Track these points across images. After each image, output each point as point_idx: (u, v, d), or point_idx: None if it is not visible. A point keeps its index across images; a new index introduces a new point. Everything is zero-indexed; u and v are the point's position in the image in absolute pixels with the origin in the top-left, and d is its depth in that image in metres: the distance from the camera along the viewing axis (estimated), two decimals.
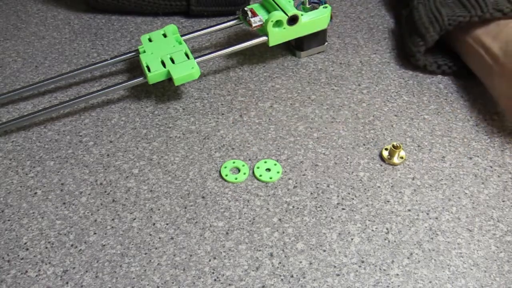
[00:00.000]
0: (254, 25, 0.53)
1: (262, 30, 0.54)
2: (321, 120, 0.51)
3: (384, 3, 0.68)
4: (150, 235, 0.42)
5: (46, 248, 0.41)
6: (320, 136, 0.49)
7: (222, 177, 0.46)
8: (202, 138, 0.50)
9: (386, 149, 0.47)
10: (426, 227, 0.41)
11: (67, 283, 0.39)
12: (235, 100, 0.54)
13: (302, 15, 0.53)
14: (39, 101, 0.55)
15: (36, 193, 0.45)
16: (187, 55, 0.52)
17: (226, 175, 0.46)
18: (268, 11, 0.54)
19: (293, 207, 0.43)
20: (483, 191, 0.44)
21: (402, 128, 0.50)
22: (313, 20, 0.54)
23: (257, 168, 0.46)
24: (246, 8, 0.54)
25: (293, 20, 0.53)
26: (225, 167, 0.46)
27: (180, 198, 0.44)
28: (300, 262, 0.39)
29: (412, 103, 0.52)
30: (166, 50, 0.53)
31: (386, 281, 0.38)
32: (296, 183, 0.45)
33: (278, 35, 0.54)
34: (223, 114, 0.52)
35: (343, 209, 0.43)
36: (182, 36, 0.56)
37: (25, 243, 0.41)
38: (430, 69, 0.55)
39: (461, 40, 0.52)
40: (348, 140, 0.49)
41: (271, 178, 0.45)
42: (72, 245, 0.41)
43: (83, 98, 0.51)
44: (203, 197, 0.44)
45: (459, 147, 0.48)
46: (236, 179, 0.45)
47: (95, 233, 0.42)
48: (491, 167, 0.46)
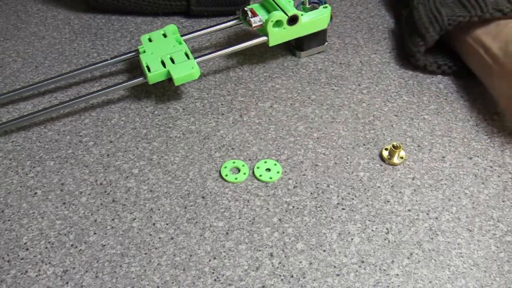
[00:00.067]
0: (254, 25, 0.53)
1: (262, 30, 0.54)
2: (321, 120, 0.51)
3: (384, 3, 0.68)
4: (150, 235, 0.42)
5: (46, 248, 0.41)
6: (320, 136, 0.49)
7: (222, 177, 0.46)
8: (202, 138, 0.50)
9: (386, 149, 0.47)
10: (426, 227, 0.41)
11: (67, 283, 0.39)
12: (235, 100, 0.54)
13: (302, 15, 0.53)
14: (39, 101, 0.55)
15: (36, 193, 0.45)
16: (187, 55, 0.52)
17: (226, 175, 0.46)
18: (268, 11, 0.54)
19: (293, 207, 0.43)
20: (483, 191, 0.44)
21: (402, 128, 0.50)
22: (313, 20, 0.54)
23: (257, 168, 0.46)
24: (246, 8, 0.54)
25: (293, 20, 0.53)
26: (225, 167, 0.46)
27: (180, 198, 0.44)
28: (300, 262, 0.39)
29: (412, 103, 0.52)
30: (166, 50, 0.53)
31: (386, 281, 0.38)
32: (296, 183, 0.45)
33: (278, 35, 0.54)
34: (223, 114, 0.52)
35: (343, 209, 0.43)
36: (182, 36, 0.56)
37: (25, 243, 0.41)
38: (430, 69, 0.55)
39: (461, 40, 0.52)
40: (348, 140, 0.49)
41: (271, 178, 0.45)
42: (72, 245, 0.41)
43: (83, 98, 0.51)
44: (203, 197, 0.44)
45: (459, 147, 0.48)
46: (236, 179, 0.45)
47: (95, 233, 0.42)
48: (491, 167, 0.46)
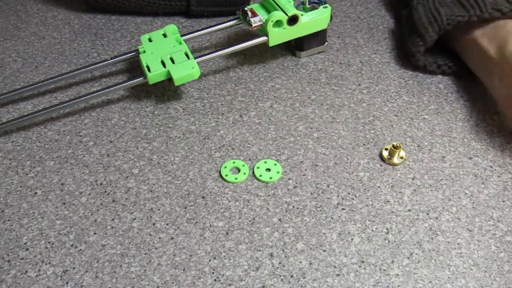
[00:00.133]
0: (254, 25, 0.53)
1: (262, 30, 0.54)
2: (321, 120, 0.51)
3: (384, 3, 0.68)
4: (150, 235, 0.42)
5: (46, 248, 0.41)
6: (320, 136, 0.49)
7: (222, 177, 0.46)
8: (202, 138, 0.50)
9: (386, 149, 0.47)
10: (426, 227, 0.41)
11: (67, 283, 0.39)
12: (235, 100, 0.54)
13: (302, 15, 0.53)
14: (39, 101, 0.55)
15: (36, 193, 0.45)
16: (187, 55, 0.52)
17: (226, 175, 0.46)
18: (268, 11, 0.54)
19: (293, 207, 0.43)
20: (483, 191, 0.44)
21: (402, 128, 0.50)
22: (313, 20, 0.54)
23: (257, 168, 0.46)
24: (246, 8, 0.54)
25: (293, 20, 0.53)
26: (225, 167, 0.46)
27: (180, 198, 0.44)
28: (300, 262, 0.39)
29: (412, 103, 0.52)
30: (166, 50, 0.53)
31: (386, 281, 0.38)
32: (296, 183, 0.45)
33: (278, 35, 0.54)
34: (223, 114, 0.52)
35: (343, 209, 0.43)
36: (182, 36, 0.56)
37: (25, 243, 0.41)
38: (430, 69, 0.55)
39: (460, 40, 0.52)
40: (348, 140, 0.49)
41: (271, 178, 0.45)
42: (72, 245, 0.41)
43: (83, 98, 0.51)
44: (203, 197, 0.44)
45: (459, 147, 0.48)
46: (236, 179, 0.45)
47: (95, 233, 0.42)
48: (491, 167, 0.46)
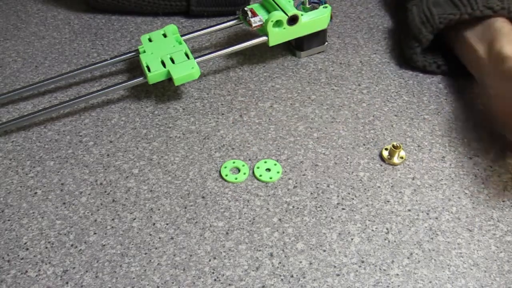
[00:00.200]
0: (254, 25, 0.53)
1: (262, 30, 0.54)
2: (321, 120, 0.51)
3: (384, 3, 0.68)
4: (150, 235, 0.42)
5: (46, 248, 0.41)
6: (320, 136, 0.49)
7: (222, 177, 0.46)
8: (202, 138, 0.50)
9: (386, 149, 0.47)
10: (426, 227, 0.41)
11: (67, 283, 0.39)
12: (235, 100, 0.54)
13: (302, 15, 0.53)
14: (39, 101, 0.55)
15: (36, 193, 0.45)
16: (187, 55, 0.52)
17: (226, 175, 0.46)
18: (268, 11, 0.54)
19: (293, 207, 0.43)
20: (483, 191, 0.44)
21: (402, 128, 0.50)
22: (313, 20, 0.54)
23: (257, 168, 0.46)
24: (246, 8, 0.54)
25: (293, 20, 0.53)
26: (225, 167, 0.46)
27: (180, 198, 0.44)
28: (300, 262, 0.39)
29: (412, 103, 0.52)
30: (166, 50, 0.53)
31: (386, 281, 0.38)
32: (296, 183, 0.45)
33: (278, 35, 0.54)
34: (223, 114, 0.52)
35: (343, 209, 0.43)
36: (182, 36, 0.56)
37: (25, 243, 0.41)
38: (430, 69, 0.55)
39: (454, 40, 0.53)
40: (348, 140, 0.49)
41: (271, 178, 0.45)
42: (72, 245, 0.41)
43: (83, 98, 0.51)
44: (203, 197, 0.44)
45: (459, 147, 0.48)
46: (236, 179, 0.45)
47: (95, 233, 0.42)
48: (491, 167, 0.46)
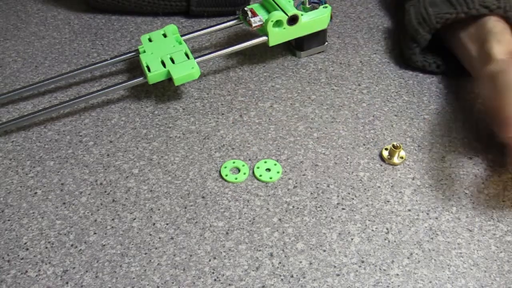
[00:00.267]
0: (254, 25, 0.53)
1: (262, 30, 0.54)
2: (321, 120, 0.51)
3: (384, 3, 0.68)
4: (150, 235, 0.42)
5: (46, 248, 0.41)
6: (320, 136, 0.49)
7: (222, 177, 0.46)
8: (202, 138, 0.50)
9: (386, 149, 0.47)
10: (426, 227, 0.41)
11: (67, 283, 0.39)
12: (235, 100, 0.54)
13: (302, 15, 0.53)
14: (39, 101, 0.55)
15: (36, 193, 0.45)
16: (187, 55, 0.52)
17: (226, 175, 0.46)
18: (268, 11, 0.54)
19: (293, 207, 0.43)
20: (483, 191, 0.44)
21: (402, 128, 0.50)
22: (313, 20, 0.54)
23: (257, 168, 0.46)
24: (246, 8, 0.54)
25: (293, 20, 0.53)
26: (225, 167, 0.46)
27: (180, 198, 0.44)
28: (300, 262, 0.39)
29: (412, 103, 0.52)
30: (166, 50, 0.53)
31: (386, 281, 0.38)
32: (296, 183, 0.45)
33: (278, 35, 0.54)
34: (223, 114, 0.52)
35: (343, 209, 0.43)
36: (182, 36, 0.56)
37: (25, 243, 0.41)
38: (430, 69, 0.55)
39: (452, 39, 0.53)
40: (348, 140, 0.49)
41: (271, 178, 0.45)
42: (72, 245, 0.41)
43: (83, 98, 0.51)
44: (203, 197, 0.44)
45: (459, 147, 0.48)
46: (236, 179, 0.45)
47: (95, 233, 0.42)
48: (491, 167, 0.46)
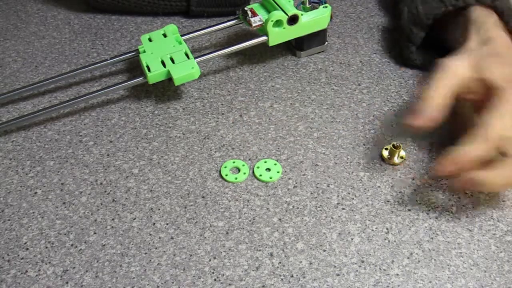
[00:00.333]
0: (254, 25, 0.53)
1: (262, 30, 0.54)
2: (321, 120, 0.51)
3: (384, 3, 0.67)
4: (150, 235, 0.42)
5: (46, 248, 0.41)
6: (320, 136, 0.49)
7: (222, 177, 0.46)
8: (202, 138, 0.50)
9: (386, 149, 0.47)
10: (426, 227, 0.41)
11: (67, 283, 0.39)
12: (235, 100, 0.54)
13: (302, 15, 0.53)
14: (39, 101, 0.55)
15: (36, 193, 0.45)
16: (187, 55, 0.52)
17: (226, 175, 0.46)
18: (268, 11, 0.54)
19: (293, 207, 0.43)
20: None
21: (402, 128, 0.50)
22: (313, 20, 0.54)
23: (257, 168, 0.46)
24: (246, 8, 0.54)
25: (293, 20, 0.53)
26: (225, 167, 0.46)
27: (180, 198, 0.44)
28: (300, 262, 0.39)
29: (412, 103, 0.52)
30: (166, 50, 0.53)
31: (386, 281, 0.38)
32: (296, 183, 0.45)
33: (278, 35, 0.54)
34: (223, 114, 0.52)
35: (343, 209, 0.43)
36: (182, 36, 0.56)
37: (25, 243, 0.41)
38: (429, 67, 0.55)
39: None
40: (348, 140, 0.49)
41: (271, 178, 0.45)
42: (72, 245, 0.41)
43: (83, 98, 0.51)
44: (203, 197, 0.44)
45: None
46: (236, 179, 0.45)
47: (95, 233, 0.42)
48: None
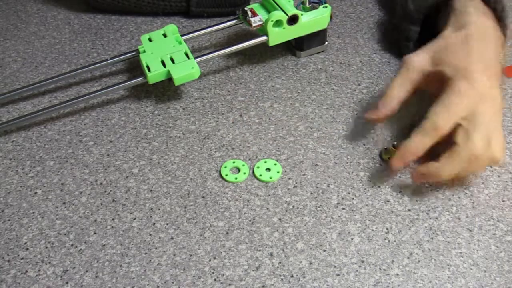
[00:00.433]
0: (254, 25, 0.53)
1: (262, 30, 0.54)
2: (321, 120, 0.51)
3: (384, 3, 0.67)
4: (150, 235, 0.42)
5: (46, 248, 0.41)
6: (320, 136, 0.49)
7: (222, 177, 0.46)
8: (202, 138, 0.50)
9: (386, 149, 0.47)
10: (426, 227, 0.41)
11: (67, 283, 0.39)
12: (235, 100, 0.54)
13: (302, 15, 0.53)
14: (39, 101, 0.55)
15: (36, 193, 0.45)
16: (187, 55, 0.52)
17: (226, 175, 0.46)
18: (268, 11, 0.54)
19: (293, 207, 0.43)
20: (483, 191, 0.44)
21: (402, 128, 0.50)
22: (313, 20, 0.54)
23: (257, 168, 0.46)
24: (246, 8, 0.54)
25: (293, 20, 0.53)
26: (225, 167, 0.46)
27: (180, 198, 0.44)
28: (300, 262, 0.39)
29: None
30: (166, 50, 0.53)
31: (386, 281, 0.38)
32: (296, 183, 0.45)
33: (278, 35, 0.54)
34: (223, 114, 0.52)
35: (343, 209, 0.43)
36: (182, 36, 0.56)
37: (25, 243, 0.41)
38: None
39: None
40: (348, 140, 0.49)
41: (271, 178, 0.45)
42: (72, 245, 0.41)
43: (83, 98, 0.51)
44: (203, 197, 0.44)
45: None
46: (236, 179, 0.45)
47: (95, 233, 0.42)
48: (491, 167, 0.46)
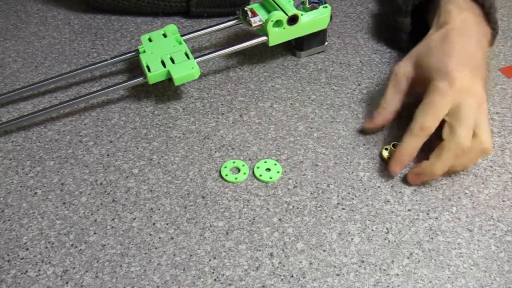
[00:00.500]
0: (254, 25, 0.53)
1: (262, 30, 0.54)
2: (321, 120, 0.51)
3: (384, 3, 0.67)
4: (150, 235, 0.42)
5: (46, 248, 0.41)
6: (320, 136, 0.49)
7: (222, 177, 0.46)
8: (202, 138, 0.50)
9: (386, 149, 0.47)
10: (426, 227, 0.41)
11: (67, 283, 0.39)
12: (235, 100, 0.54)
13: (302, 15, 0.53)
14: (39, 101, 0.55)
15: (36, 193, 0.45)
16: (187, 55, 0.52)
17: (226, 175, 0.46)
18: (268, 11, 0.54)
19: (293, 207, 0.43)
20: (483, 191, 0.44)
21: (402, 128, 0.50)
22: (313, 20, 0.54)
23: (257, 168, 0.46)
24: (246, 8, 0.54)
25: (293, 20, 0.53)
26: (225, 167, 0.46)
27: (180, 198, 0.44)
28: (300, 262, 0.39)
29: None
30: (166, 50, 0.53)
31: (386, 281, 0.38)
32: (296, 183, 0.45)
33: (278, 35, 0.54)
34: (223, 114, 0.52)
35: (343, 209, 0.43)
36: (182, 36, 0.56)
37: (25, 243, 0.41)
38: None
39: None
40: (348, 140, 0.49)
41: (271, 178, 0.45)
42: (72, 245, 0.41)
43: (83, 98, 0.51)
44: (203, 197, 0.44)
45: None
46: (236, 179, 0.45)
47: (95, 233, 0.42)
48: (491, 167, 0.46)
